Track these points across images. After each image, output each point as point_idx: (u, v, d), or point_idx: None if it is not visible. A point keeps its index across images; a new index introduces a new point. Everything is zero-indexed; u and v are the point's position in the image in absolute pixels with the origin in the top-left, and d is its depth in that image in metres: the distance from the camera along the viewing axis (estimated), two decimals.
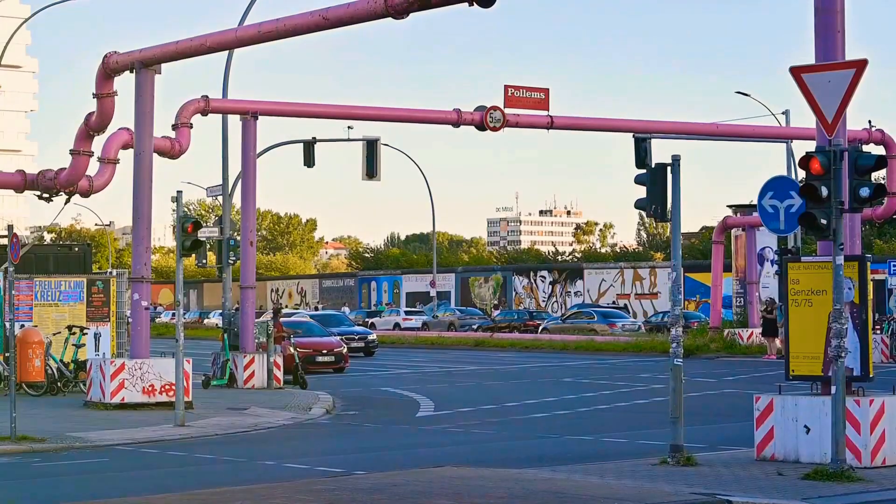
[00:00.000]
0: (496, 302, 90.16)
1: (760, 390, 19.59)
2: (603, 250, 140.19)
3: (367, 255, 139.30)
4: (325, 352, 42.66)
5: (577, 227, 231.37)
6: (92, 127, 31.84)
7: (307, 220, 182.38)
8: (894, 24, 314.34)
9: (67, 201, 34.23)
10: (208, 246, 40.18)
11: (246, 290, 36.12)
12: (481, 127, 38.56)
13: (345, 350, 43.59)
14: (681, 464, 18.05)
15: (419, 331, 73.85)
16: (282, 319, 38.69)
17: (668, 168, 19.04)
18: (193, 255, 29.43)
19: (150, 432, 23.93)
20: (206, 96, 34.85)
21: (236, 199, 39.57)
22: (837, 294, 17.03)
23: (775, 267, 56.54)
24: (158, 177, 29.30)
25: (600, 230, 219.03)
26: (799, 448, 18.03)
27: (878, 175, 52.11)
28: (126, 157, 31.60)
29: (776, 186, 18.72)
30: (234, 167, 38.32)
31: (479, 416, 27.39)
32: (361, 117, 39.02)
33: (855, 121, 49.81)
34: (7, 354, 25.28)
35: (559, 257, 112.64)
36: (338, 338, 45.60)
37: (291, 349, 36.81)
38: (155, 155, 30.24)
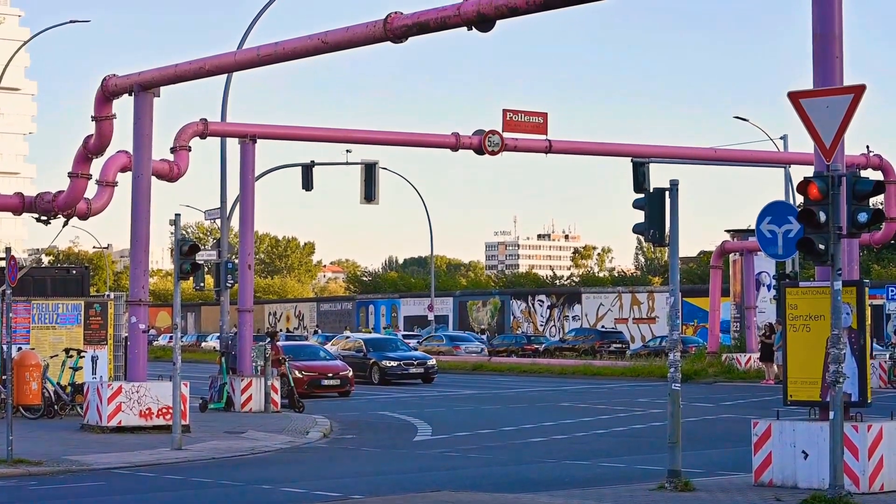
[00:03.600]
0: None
1: (758, 415, 19.54)
2: (601, 274, 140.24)
3: (365, 278, 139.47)
4: (330, 375, 42.52)
5: (576, 251, 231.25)
6: (90, 150, 31.83)
7: (305, 244, 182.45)
8: (892, 50, 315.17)
9: (65, 224, 34.19)
10: (206, 269, 40.13)
11: (244, 314, 36.11)
12: (480, 151, 38.51)
13: (350, 374, 43.44)
14: (678, 489, 17.99)
15: None
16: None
17: (667, 193, 19.05)
18: (191, 279, 29.36)
19: (147, 455, 23.87)
20: (205, 119, 34.83)
21: (234, 223, 39.56)
22: (836, 319, 16.99)
23: (772, 291, 56.52)
24: (157, 200, 29.33)
25: (598, 254, 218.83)
26: (797, 474, 17.98)
27: (876, 200, 52.15)
28: (124, 180, 31.61)
29: (774, 211, 18.71)
30: (233, 190, 38.35)
31: (477, 440, 27.32)
32: (360, 141, 38.95)
33: (853, 146, 49.90)
34: (4, 377, 25.22)
35: (557, 281, 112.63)
36: (343, 361, 45.52)
37: (296, 372, 36.78)
38: (153, 178, 30.25)
